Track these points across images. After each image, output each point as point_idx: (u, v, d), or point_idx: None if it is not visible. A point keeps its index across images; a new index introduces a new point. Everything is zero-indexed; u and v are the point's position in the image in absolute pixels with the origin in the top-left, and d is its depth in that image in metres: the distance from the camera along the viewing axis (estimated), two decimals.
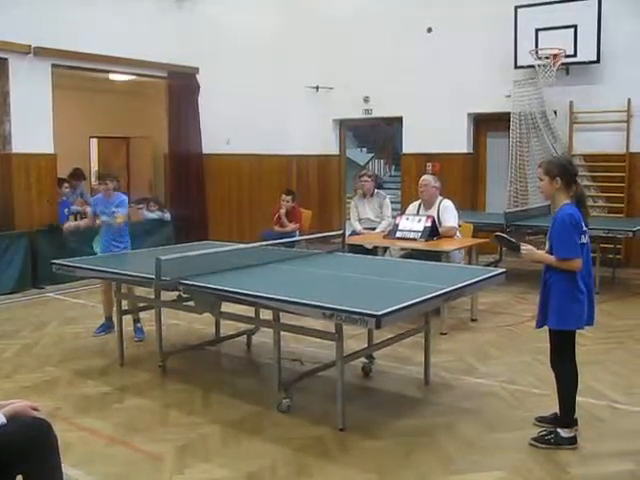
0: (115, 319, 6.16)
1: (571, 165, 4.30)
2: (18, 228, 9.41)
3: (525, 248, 4.25)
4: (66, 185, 11.01)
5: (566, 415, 4.18)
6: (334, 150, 13.25)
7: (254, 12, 11.87)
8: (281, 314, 4.68)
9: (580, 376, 4.23)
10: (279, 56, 12.09)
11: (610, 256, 9.35)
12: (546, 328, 4.23)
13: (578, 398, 4.57)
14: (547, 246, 4.21)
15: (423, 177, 8.00)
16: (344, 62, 12.12)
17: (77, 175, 11.91)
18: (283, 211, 9.62)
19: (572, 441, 4.13)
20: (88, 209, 7.03)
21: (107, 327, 6.88)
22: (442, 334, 6.68)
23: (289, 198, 9.69)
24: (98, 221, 7.01)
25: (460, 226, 7.78)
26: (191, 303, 5.41)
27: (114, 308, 6.64)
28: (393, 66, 11.61)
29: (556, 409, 4.39)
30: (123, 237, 6.99)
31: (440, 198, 7.78)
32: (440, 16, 11.31)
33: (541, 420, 4.48)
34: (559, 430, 4.14)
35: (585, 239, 4.10)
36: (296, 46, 12.25)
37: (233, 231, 11.87)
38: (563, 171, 4.15)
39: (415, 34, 11.56)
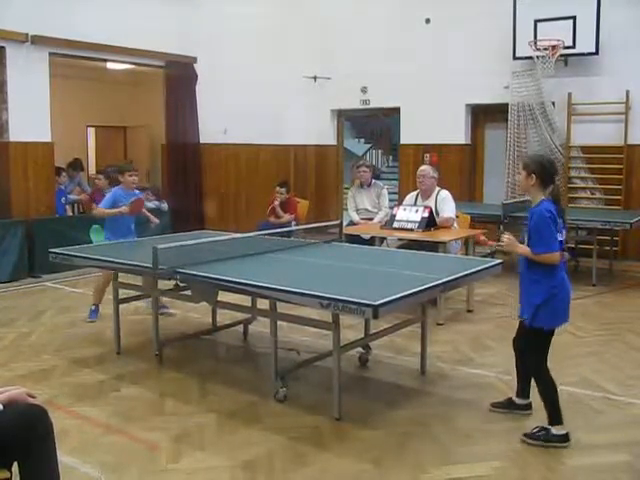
0: (112, 307, 6.14)
1: (550, 164, 4.25)
2: (15, 216, 9.39)
3: (506, 237, 4.22)
4: (63, 174, 11.01)
5: (552, 412, 4.11)
6: (332, 140, 13.22)
7: (252, 2, 11.82)
8: (278, 303, 4.68)
9: (576, 367, 4.26)
10: (277, 46, 12.05)
11: (607, 248, 9.36)
12: None
13: (575, 389, 4.60)
14: (525, 239, 4.18)
15: (422, 167, 7.99)
16: (342, 52, 12.09)
17: (76, 165, 11.94)
18: (277, 203, 9.65)
19: (564, 439, 4.06)
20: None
21: (97, 313, 6.94)
22: (438, 325, 6.69)
23: (283, 190, 9.74)
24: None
25: (457, 217, 7.78)
26: (188, 292, 5.41)
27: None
28: (391, 57, 11.57)
29: (511, 393, 4.57)
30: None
31: (438, 189, 7.77)
32: (439, 7, 11.28)
33: (496, 405, 4.58)
34: (550, 427, 4.09)
35: (561, 236, 4.09)
36: (294, 36, 12.22)
37: (230, 221, 11.86)
38: (540, 169, 4.14)
39: (414, 25, 11.53)
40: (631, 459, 3.90)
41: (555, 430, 4.08)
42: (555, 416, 4.09)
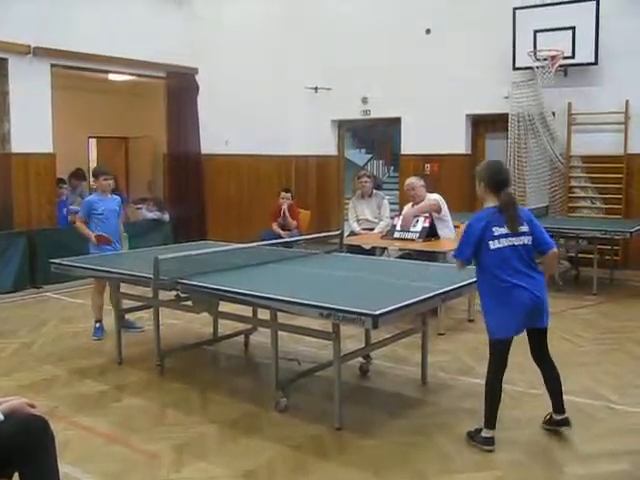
0: (112, 318, 6.14)
1: (496, 171, 4.22)
2: (17, 227, 9.42)
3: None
4: (65, 185, 11.03)
5: (486, 415, 4.19)
6: (333, 151, 13.27)
7: (253, 13, 11.90)
8: (279, 314, 4.69)
9: (577, 376, 4.26)
10: (278, 57, 12.12)
11: (608, 257, 9.37)
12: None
13: (576, 398, 4.61)
14: None
15: (407, 182, 7.91)
16: (343, 63, 12.14)
17: (78, 175, 11.96)
18: (285, 207, 9.68)
19: (487, 442, 4.13)
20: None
21: (102, 329, 6.86)
22: (439, 334, 6.69)
23: (288, 195, 9.79)
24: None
25: (457, 227, 7.79)
26: (189, 302, 5.42)
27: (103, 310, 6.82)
28: (392, 67, 11.62)
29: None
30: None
31: (427, 195, 7.79)
32: (439, 17, 11.33)
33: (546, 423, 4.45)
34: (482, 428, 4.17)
35: (500, 243, 4.04)
36: (295, 47, 12.28)
37: (231, 231, 11.86)
38: (487, 177, 4.17)
39: (414, 35, 11.58)
40: (631, 468, 3.89)
41: (483, 432, 4.14)
42: (487, 420, 4.14)
